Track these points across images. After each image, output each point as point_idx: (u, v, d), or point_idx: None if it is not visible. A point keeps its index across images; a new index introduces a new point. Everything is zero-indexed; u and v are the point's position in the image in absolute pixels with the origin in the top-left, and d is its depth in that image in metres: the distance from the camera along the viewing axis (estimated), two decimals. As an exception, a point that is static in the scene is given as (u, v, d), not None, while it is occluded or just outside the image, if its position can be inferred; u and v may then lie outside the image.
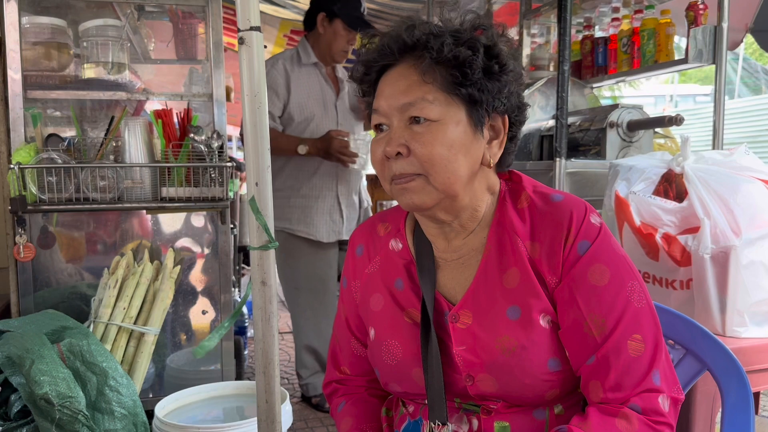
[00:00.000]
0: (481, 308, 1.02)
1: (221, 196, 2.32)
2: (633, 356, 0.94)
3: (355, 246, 1.20)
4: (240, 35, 1.07)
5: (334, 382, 1.24)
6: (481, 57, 0.97)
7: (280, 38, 4.89)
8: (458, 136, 0.97)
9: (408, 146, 0.97)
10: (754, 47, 11.54)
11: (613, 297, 0.96)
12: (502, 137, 1.03)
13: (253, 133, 1.10)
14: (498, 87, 0.99)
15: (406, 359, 1.05)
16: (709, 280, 1.56)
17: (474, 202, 1.04)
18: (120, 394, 1.80)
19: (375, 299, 1.12)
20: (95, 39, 2.41)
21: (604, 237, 0.99)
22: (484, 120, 0.99)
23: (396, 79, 1.00)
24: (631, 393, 0.94)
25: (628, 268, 0.99)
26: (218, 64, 2.43)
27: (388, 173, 1.01)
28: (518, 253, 1.01)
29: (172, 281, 2.30)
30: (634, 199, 1.71)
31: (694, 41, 2.39)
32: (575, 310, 0.97)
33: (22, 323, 1.99)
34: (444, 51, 0.95)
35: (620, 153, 2.43)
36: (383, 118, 1.01)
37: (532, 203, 1.04)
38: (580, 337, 0.96)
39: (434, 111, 0.97)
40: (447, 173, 0.97)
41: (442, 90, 0.97)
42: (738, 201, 1.56)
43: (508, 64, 1.00)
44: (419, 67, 0.98)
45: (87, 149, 2.28)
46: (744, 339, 1.56)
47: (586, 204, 1.02)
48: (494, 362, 0.98)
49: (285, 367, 3.79)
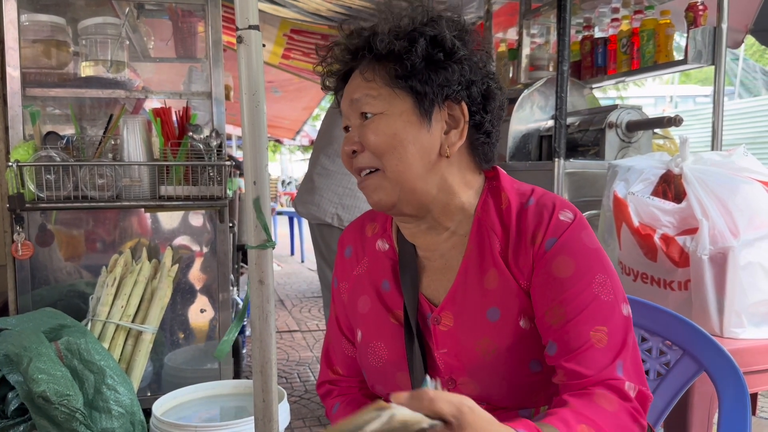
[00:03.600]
0: (462, 310, 1.01)
1: (220, 195, 2.32)
2: (596, 347, 0.91)
3: (344, 247, 1.20)
4: (239, 34, 1.07)
5: (327, 382, 1.23)
6: (421, 48, 0.97)
7: (279, 37, 4.88)
8: (402, 125, 0.98)
9: (360, 142, 1.00)
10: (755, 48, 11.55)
11: (577, 288, 0.94)
12: (462, 126, 1.00)
13: (252, 132, 1.10)
14: (444, 76, 0.97)
15: (391, 361, 1.05)
16: (707, 281, 1.56)
17: (444, 197, 1.02)
18: (117, 392, 1.80)
19: (362, 301, 1.12)
20: (94, 37, 2.41)
21: (574, 230, 0.97)
22: (431, 109, 0.99)
23: (350, 81, 1.04)
24: (594, 379, 0.90)
25: (597, 261, 0.96)
26: (217, 63, 2.43)
27: (353, 168, 1.04)
28: (495, 255, 1.00)
29: (170, 280, 2.30)
30: (632, 199, 1.71)
31: (694, 42, 2.39)
32: (541, 303, 0.95)
33: (19, 321, 1.99)
34: (381, 47, 0.98)
35: (619, 153, 2.43)
36: (346, 120, 1.05)
37: (510, 205, 1.02)
38: (544, 330, 0.95)
39: (377, 105, 0.99)
40: (395, 161, 0.98)
41: (385, 85, 0.99)
42: (736, 202, 1.56)
43: (456, 52, 0.98)
44: (361, 67, 1.02)
45: (85, 147, 2.28)
46: (742, 340, 1.56)
47: (555, 201, 1.00)
48: (475, 365, 0.98)
49: (283, 366, 3.79)
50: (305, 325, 4.86)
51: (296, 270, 7.87)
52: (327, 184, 2.56)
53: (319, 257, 2.72)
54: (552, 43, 3.22)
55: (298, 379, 3.60)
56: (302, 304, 5.66)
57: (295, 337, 4.52)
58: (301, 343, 4.35)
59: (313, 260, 2.86)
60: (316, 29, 4.72)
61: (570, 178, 2.37)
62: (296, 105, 7.75)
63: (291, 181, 15.42)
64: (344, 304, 1.17)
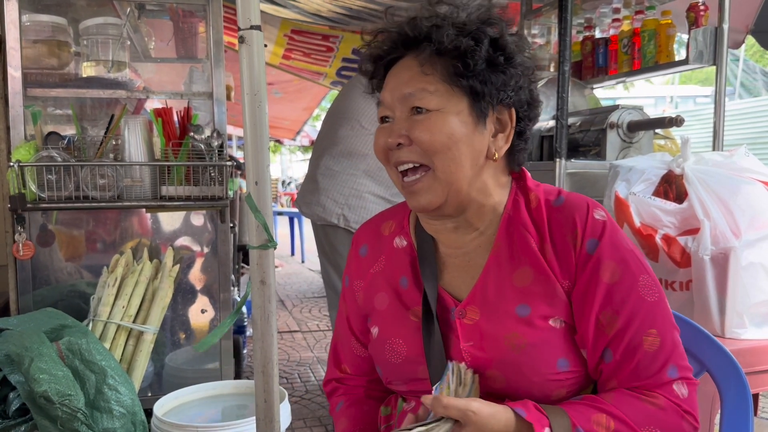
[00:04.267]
0: (489, 304, 1.01)
1: (221, 195, 2.32)
2: (649, 351, 0.95)
3: (359, 246, 1.19)
4: (240, 34, 1.07)
5: (334, 380, 1.23)
6: (485, 48, 0.96)
7: (280, 38, 4.88)
8: (459, 126, 0.97)
9: (409, 135, 0.98)
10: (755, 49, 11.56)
11: (626, 294, 0.96)
12: (509, 131, 1.01)
13: (253, 132, 1.10)
14: (503, 79, 0.98)
15: (409, 357, 1.04)
16: (708, 282, 1.56)
17: (481, 198, 1.02)
18: (119, 392, 1.80)
19: (379, 298, 1.11)
20: (95, 37, 2.41)
21: (611, 232, 0.99)
22: (487, 112, 0.99)
23: (399, 71, 1.01)
24: (648, 385, 0.95)
25: (638, 262, 0.98)
26: (218, 63, 2.43)
27: (392, 160, 1.01)
28: (531, 253, 1.00)
29: (171, 280, 2.30)
30: (633, 200, 1.71)
31: (695, 42, 2.39)
32: (590, 310, 0.96)
33: (21, 321, 1.99)
34: (445, 42, 0.95)
35: (620, 154, 2.43)
36: (387, 110, 1.02)
37: (540, 204, 1.03)
38: (595, 336, 0.97)
39: (434, 101, 0.97)
40: (448, 161, 0.96)
41: (443, 81, 0.97)
42: (738, 202, 1.56)
43: (515, 57, 0.99)
44: (419, 59, 0.99)
45: (87, 147, 2.28)
46: (743, 340, 1.56)
47: (587, 201, 1.02)
48: (503, 358, 0.97)
49: (284, 367, 3.79)
50: (306, 326, 4.86)
51: (297, 270, 7.87)
52: (332, 185, 2.56)
53: (322, 258, 2.72)
54: (553, 44, 3.22)
55: (299, 379, 3.60)
56: (303, 305, 5.66)
57: (295, 337, 4.52)
58: (301, 344, 4.35)
59: (314, 261, 2.85)
60: (317, 30, 4.73)
61: (571, 179, 2.37)
62: (296, 105, 7.75)
63: (291, 181, 15.43)
64: (357, 302, 1.16)
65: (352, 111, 2.58)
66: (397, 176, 1.02)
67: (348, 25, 4.59)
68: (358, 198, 2.54)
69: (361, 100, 2.56)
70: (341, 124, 2.59)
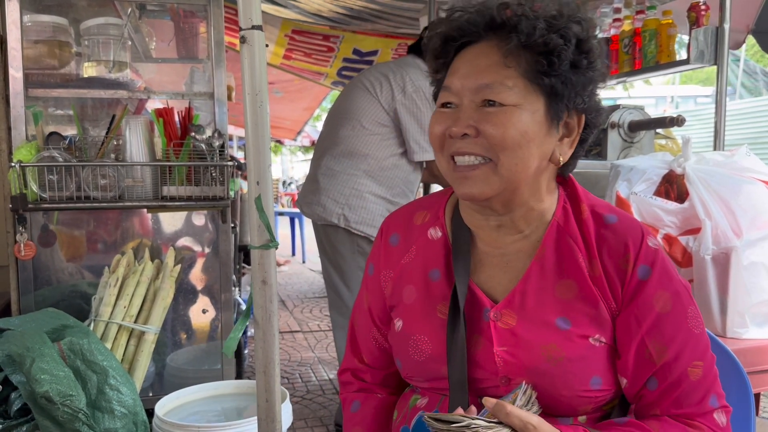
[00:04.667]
0: (528, 311, 0.97)
1: (222, 195, 2.32)
2: (693, 381, 0.95)
3: (389, 234, 1.13)
4: (241, 34, 1.07)
5: (350, 371, 1.20)
6: (572, 48, 0.91)
7: (281, 38, 4.88)
8: (533, 125, 0.92)
9: (477, 127, 0.92)
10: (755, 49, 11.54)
11: (676, 326, 0.95)
12: (575, 136, 0.98)
13: (254, 131, 1.10)
14: (582, 82, 0.94)
15: (434, 356, 1.00)
16: (709, 281, 1.56)
17: (532, 201, 0.99)
18: (120, 392, 1.80)
19: (408, 291, 1.07)
20: (96, 37, 2.41)
21: (663, 260, 0.97)
22: (561, 115, 0.95)
23: (475, 57, 0.95)
24: (690, 414, 0.95)
25: (687, 293, 0.97)
26: (219, 63, 2.43)
27: (447, 150, 0.96)
28: (578, 267, 0.97)
29: (172, 280, 2.30)
30: (635, 199, 1.71)
31: (696, 42, 2.39)
32: (638, 336, 0.95)
33: (22, 321, 1.99)
34: (535, 35, 0.90)
35: (621, 153, 2.43)
36: (454, 97, 0.96)
37: (589, 217, 1.00)
38: (640, 363, 0.95)
39: (511, 97, 0.91)
40: (516, 160, 0.92)
41: (523, 76, 0.92)
42: (739, 202, 1.56)
43: (596, 61, 0.95)
44: (503, 49, 0.92)
45: (88, 148, 2.29)
46: (744, 340, 1.56)
47: (641, 225, 1.00)
48: (537, 368, 0.95)
49: (285, 367, 3.80)
50: (307, 326, 4.86)
51: (298, 270, 7.87)
52: (333, 185, 2.56)
53: (323, 258, 2.72)
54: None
55: (300, 379, 3.60)
56: (304, 305, 5.66)
57: (296, 337, 4.53)
58: (302, 344, 4.35)
59: (315, 261, 2.85)
60: (318, 30, 4.73)
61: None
62: (297, 106, 7.76)
63: (292, 181, 15.42)
64: (384, 293, 1.11)
65: (353, 111, 2.58)
66: (448, 162, 0.97)
67: (349, 25, 4.59)
68: (358, 198, 2.54)
69: (362, 100, 2.56)
70: (342, 124, 2.60)
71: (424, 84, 2.54)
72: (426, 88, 2.53)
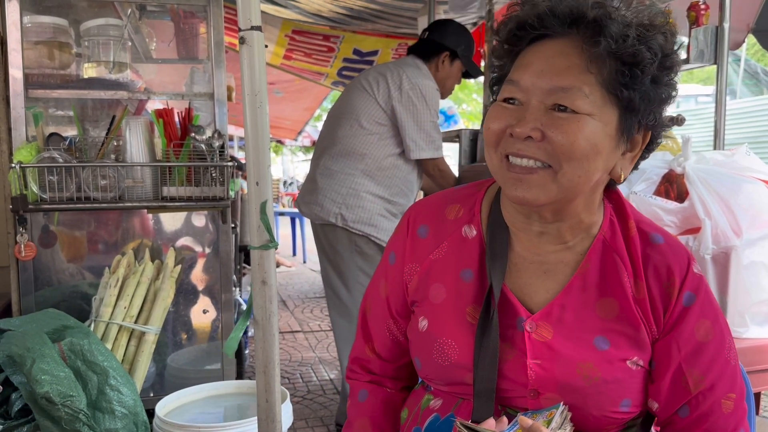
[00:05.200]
0: (566, 326, 0.94)
1: (222, 196, 2.32)
2: (725, 413, 0.94)
3: (417, 225, 1.06)
4: (241, 35, 1.07)
5: (360, 362, 1.15)
6: (657, 63, 0.86)
7: (281, 38, 4.89)
8: (603, 138, 0.86)
9: (544, 132, 0.85)
10: (756, 48, 11.53)
11: (714, 355, 0.93)
12: (637, 152, 0.93)
13: (254, 132, 1.10)
14: (660, 99, 0.89)
15: (460, 363, 0.96)
16: (709, 281, 1.56)
17: (583, 214, 0.95)
18: (121, 393, 1.80)
19: (436, 289, 1.01)
20: (96, 38, 2.41)
21: (707, 288, 0.95)
22: (633, 130, 0.89)
23: (553, 55, 0.87)
24: None
25: (725, 323, 0.96)
26: (219, 64, 2.43)
27: (503, 149, 0.89)
28: (622, 286, 0.93)
29: (172, 280, 2.30)
30: (635, 199, 1.71)
31: (696, 41, 2.39)
32: (676, 364, 0.93)
33: (23, 322, 2.00)
34: (626, 44, 0.83)
35: (621, 153, 2.43)
36: (520, 93, 0.89)
37: (636, 234, 0.96)
38: (675, 390, 0.94)
39: (587, 105, 0.85)
40: (580, 171, 0.86)
41: (601, 85, 0.85)
42: (739, 201, 1.56)
43: (675, 78, 0.90)
44: (587, 52, 0.85)
45: (88, 148, 2.29)
46: (744, 339, 1.56)
47: (687, 251, 0.97)
48: (570, 385, 0.92)
49: (286, 367, 3.80)
50: (307, 326, 4.86)
51: (298, 270, 7.87)
52: (330, 185, 2.56)
53: (322, 258, 2.72)
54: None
55: (301, 379, 3.60)
56: (304, 305, 5.66)
57: (297, 337, 4.53)
58: (303, 344, 4.35)
59: (316, 261, 2.85)
60: (318, 30, 4.73)
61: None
62: (298, 106, 7.77)
63: (293, 181, 15.42)
64: (408, 286, 1.05)
65: (351, 111, 2.58)
66: (501, 160, 0.90)
67: (349, 25, 4.59)
68: (356, 197, 2.54)
69: (360, 100, 2.56)
70: (341, 124, 2.60)
71: (422, 82, 2.54)
72: (424, 87, 2.53)
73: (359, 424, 1.11)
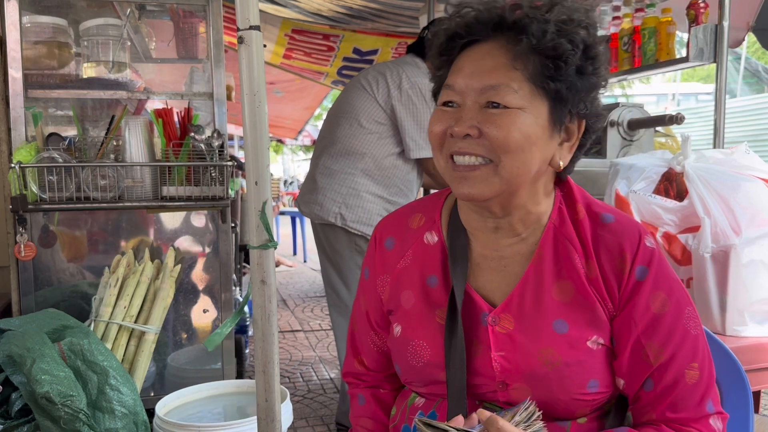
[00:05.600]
0: (525, 315, 0.97)
1: (222, 195, 2.32)
2: (689, 384, 0.94)
3: (383, 238, 1.12)
4: (239, 34, 1.07)
5: (352, 374, 1.21)
6: (579, 54, 0.91)
7: (281, 37, 4.88)
8: (536, 129, 0.91)
9: (480, 128, 0.91)
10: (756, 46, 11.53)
11: (672, 326, 0.94)
12: (575, 141, 0.98)
13: (253, 131, 1.10)
14: (587, 88, 0.94)
15: (432, 362, 1.00)
16: (709, 279, 1.56)
17: (529, 204, 0.99)
18: (120, 392, 1.80)
19: (405, 296, 1.06)
20: (96, 38, 2.41)
21: (660, 261, 0.96)
22: (564, 119, 0.95)
23: (481, 57, 0.94)
24: (687, 419, 0.95)
25: (684, 293, 0.97)
26: (219, 64, 2.43)
27: (447, 149, 0.95)
28: (575, 268, 0.97)
29: (172, 280, 2.31)
30: (634, 198, 1.71)
31: (695, 40, 2.39)
32: (634, 338, 0.95)
33: (23, 322, 2.00)
34: (545, 39, 0.89)
35: (621, 152, 2.43)
36: (456, 96, 0.95)
37: (585, 217, 1.00)
38: (636, 364, 0.95)
39: (516, 100, 0.90)
40: (518, 163, 0.91)
41: (529, 80, 0.91)
42: (738, 200, 1.56)
43: (600, 67, 0.95)
44: (512, 51, 0.91)
45: (87, 148, 2.29)
46: (744, 338, 1.56)
47: (638, 225, 0.99)
48: (534, 373, 0.95)
49: (286, 366, 3.80)
50: (308, 325, 4.86)
51: (299, 270, 7.88)
52: (330, 184, 2.56)
53: (322, 257, 2.72)
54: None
55: (301, 378, 3.61)
56: (305, 304, 5.66)
57: (297, 336, 4.53)
58: (303, 343, 4.35)
59: (317, 260, 2.85)
60: (318, 29, 4.73)
61: (572, 177, 2.36)
62: (298, 105, 7.76)
63: (293, 181, 15.43)
64: (382, 297, 1.11)
65: (350, 110, 2.58)
66: (447, 161, 0.96)
67: (349, 24, 4.59)
68: (356, 197, 2.54)
69: (360, 99, 2.56)
70: (340, 123, 2.60)
71: (422, 81, 2.53)
72: (423, 86, 2.52)
73: (361, 424, 1.16)
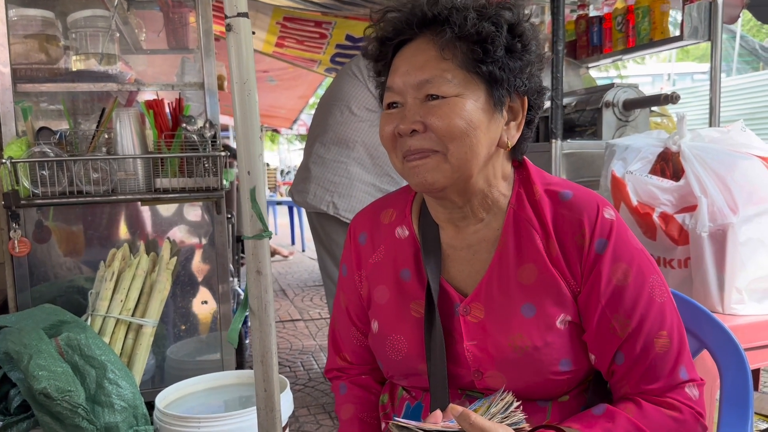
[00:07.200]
0: (494, 303, 0.98)
1: (216, 186, 2.31)
2: (660, 353, 0.94)
3: (357, 233, 1.14)
4: (227, 22, 1.06)
5: (335, 370, 1.21)
6: (505, 34, 0.93)
7: (273, 26, 4.84)
8: (477, 113, 0.93)
9: (424, 122, 0.93)
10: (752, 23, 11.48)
11: (636, 296, 0.94)
12: (520, 119, 0.99)
13: (243, 121, 1.09)
14: (520, 66, 0.95)
15: (411, 355, 1.02)
16: (707, 258, 1.55)
17: (486, 188, 1.00)
18: (119, 386, 1.80)
19: (380, 291, 1.08)
20: (84, 30, 2.38)
21: (620, 231, 0.97)
22: (504, 100, 0.96)
23: (413, 54, 0.96)
24: (661, 389, 0.95)
25: (647, 262, 0.97)
26: (209, 53, 2.41)
27: (400, 150, 0.97)
28: (536, 249, 0.98)
29: (168, 272, 2.30)
30: (630, 178, 1.70)
31: (689, 18, 2.37)
32: (600, 311, 0.95)
33: (19, 318, 1.99)
34: (467, 26, 0.91)
35: (616, 133, 2.42)
36: (397, 96, 0.97)
37: (543, 196, 1.00)
38: (604, 338, 0.95)
39: (452, 88, 0.92)
40: (465, 148, 0.93)
41: (461, 67, 0.93)
42: (735, 178, 1.55)
43: (530, 44, 0.96)
44: (438, 43, 0.93)
45: (79, 142, 2.27)
46: (743, 316, 1.56)
47: (597, 198, 0.99)
48: (505, 359, 0.96)
49: (287, 355, 3.80)
50: (307, 314, 4.87)
51: (297, 259, 7.88)
52: (322, 173, 2.55)
53: (318, 245, 2.71)
54: (546, 23, 3.19)
55: (302, 367, 3.61)
56: (304, 293, 5.66)
57: (297, 326, 4.53)
58: (303, 332, 4.36)
59: (314, 249, 2.84)
60: (310, 16, 4.69)
61: (568, 159, 2.36)
62: (292, 94, 7.71)
63: (290, 170, 15.40)
64: (360, 292, 1.13)
65: (341, 97, 2.56)
66: (401, 161, 0.97)
67: (340, 10, 4.55)
68: (348, 186, 2.52)
69: (351, 86, 2.54)
70: (331, 111, 2.58)
71: None
72: None
73: (345, 410, 1.16)
